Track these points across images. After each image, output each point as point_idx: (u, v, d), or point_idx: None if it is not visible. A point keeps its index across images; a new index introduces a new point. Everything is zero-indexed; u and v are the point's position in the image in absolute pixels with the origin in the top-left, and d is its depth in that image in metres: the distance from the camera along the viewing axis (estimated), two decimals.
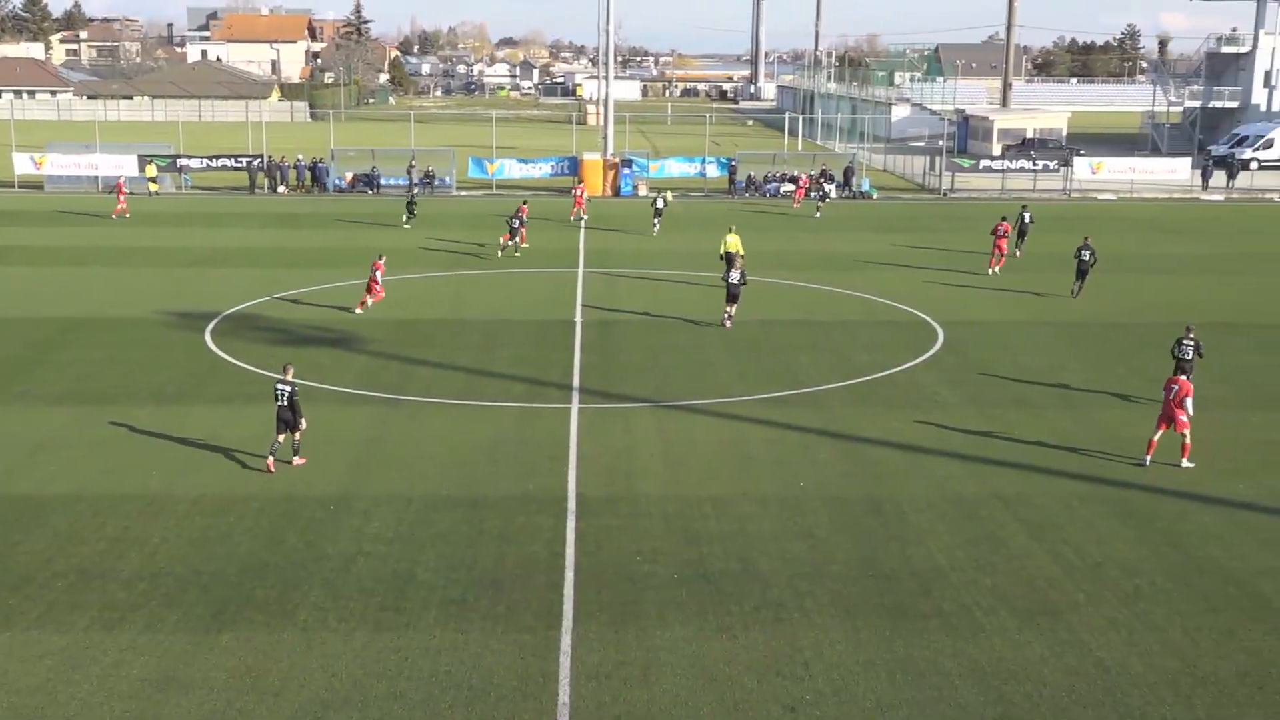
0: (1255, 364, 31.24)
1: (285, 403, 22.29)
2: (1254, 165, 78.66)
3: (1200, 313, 37.29)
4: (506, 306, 37.15)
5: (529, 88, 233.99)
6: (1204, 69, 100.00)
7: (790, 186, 67.65)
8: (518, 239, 46.51)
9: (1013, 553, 19.17)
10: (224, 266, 44.02)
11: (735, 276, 34.43)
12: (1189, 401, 23.06)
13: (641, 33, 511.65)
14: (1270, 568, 18.69)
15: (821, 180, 65.49)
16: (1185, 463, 23.15)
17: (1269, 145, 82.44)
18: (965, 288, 41.23)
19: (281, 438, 22.51)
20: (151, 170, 65.81)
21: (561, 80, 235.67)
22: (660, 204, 54.04)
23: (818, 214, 59.69)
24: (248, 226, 54.28)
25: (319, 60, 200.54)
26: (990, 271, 43.50)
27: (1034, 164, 72.29)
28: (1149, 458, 23.26)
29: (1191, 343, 27.27)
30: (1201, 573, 18.51)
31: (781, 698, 14.86)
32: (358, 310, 35.88)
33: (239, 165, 68.58)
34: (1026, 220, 48.13)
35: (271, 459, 22.40)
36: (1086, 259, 39.26)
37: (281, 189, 67.52)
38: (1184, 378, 23.37)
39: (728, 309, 34.58)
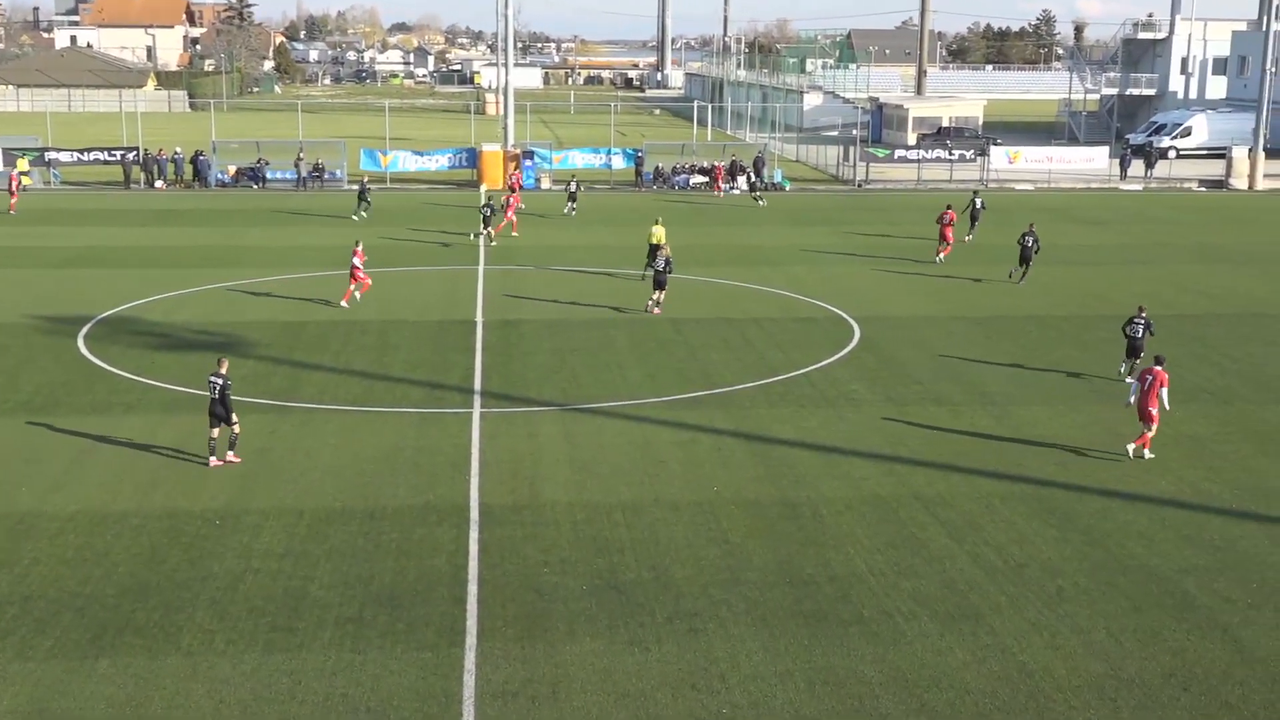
0: (1174, 357, 31.87)
1: (217, 396, 22.75)
2: (1172, 154, 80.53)
3: (1118, 305, 38.11)
4: (402, 306, 36.87)
5: (424, 76, 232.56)
6: (1120, 56, 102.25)
7: (701, 178, 68.19)
8: (496, 228, 48.78)
9: (933, 555, 19.44)
10: (98, 267, 43.14)
11: (661, 263, 35.86)
12: (1165, 393, 23.90)
13: (542, 18, 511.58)
14: (1193, 565, 19.17)
15: (746, 170, 66.60)
16: (1147, 453, 24.03)
17: (1187, 133, 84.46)
18: (881, 283, 41.74)
19: (215, 432, 22.85)
20: (22, 164, 64.21)
21: (459, 68, 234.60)
22: (574, 188, 57.79)
23: (759, 202, 62.19)
24: (123, 224, 53.21)
25: (198, 46, 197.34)
26: (938, 260, 45.07)
27: (950, 154, 73.38)
28: (1143, 449, 24.15)
29: (1142, 321, 29.17)
30: (1124, 572, 18.92)
31: (697, 712, 14.91)
32: (343, 303, 36.39)
33: (113, 159, 67.22)
34: (978, 205, 50.57)
35: (214, 457, 22.86)
36: (1029, 245, 41.08)
37: (159, 184, 66.31)
38: (1159, 368, 24.03)
39: (655, 296, 36.01)
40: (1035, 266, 42.50)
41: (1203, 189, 72.02)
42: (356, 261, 36.66)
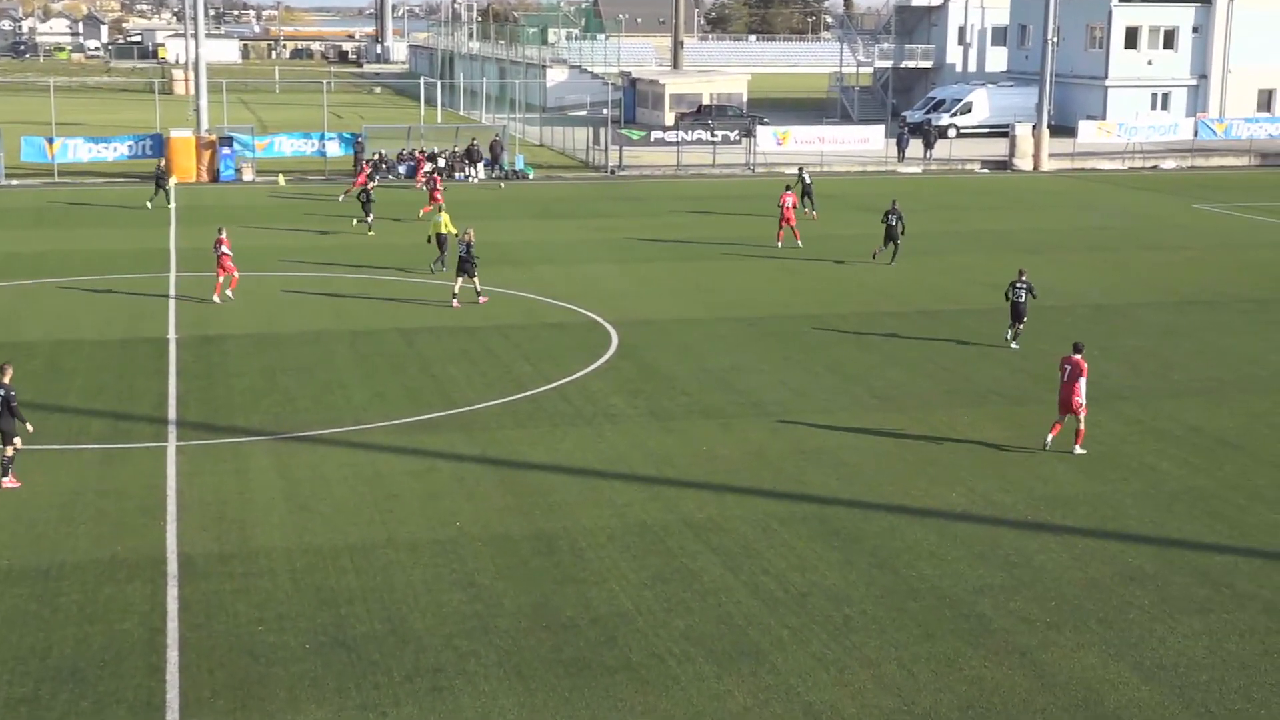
0: (960, 355, 33.32)
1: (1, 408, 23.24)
2: (952, 132, 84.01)
3: (901, 300, 39.62)
4: (75, 323, 35.67)
5: (96, 49, 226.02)
6: (894, 25, 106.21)
7: (430, 166, 68.03)
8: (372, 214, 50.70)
9: (707, 588, 19.79)
10: None
11: (464, 249, 37.90)
12: (1083, 382, 25.21)
13: None
14: (988, 584, 20.03)
15: (459, 158, 67.00)
16: (1078, 449, 25.53)
17: (967, 110, 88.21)
18: (641, 282, 42.34)
19: (10, 451, 23.14)
20: None
21: (138, 39, 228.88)
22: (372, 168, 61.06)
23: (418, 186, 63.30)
24: None
25: None
26: (798, 243, 47.67)
27: (713, 135, 74.96)
28: (1050, 438, 25.77)
29: (1024, 285, 32.77)
30: (915, 596, 19.63)
31: None
32: (215, 298, 37.61)
33: None
34: (807, 181, 55.05)
35: (6, 478, 23.30)
36: (894, 224, 44.43)
37: None
38: (1078, 356, 25.36)
39: (460, 283, 37.74)
40: (805, 261, 43.79)
41: (985, 170, 75.43)
42: (225, 250, 37.49)
